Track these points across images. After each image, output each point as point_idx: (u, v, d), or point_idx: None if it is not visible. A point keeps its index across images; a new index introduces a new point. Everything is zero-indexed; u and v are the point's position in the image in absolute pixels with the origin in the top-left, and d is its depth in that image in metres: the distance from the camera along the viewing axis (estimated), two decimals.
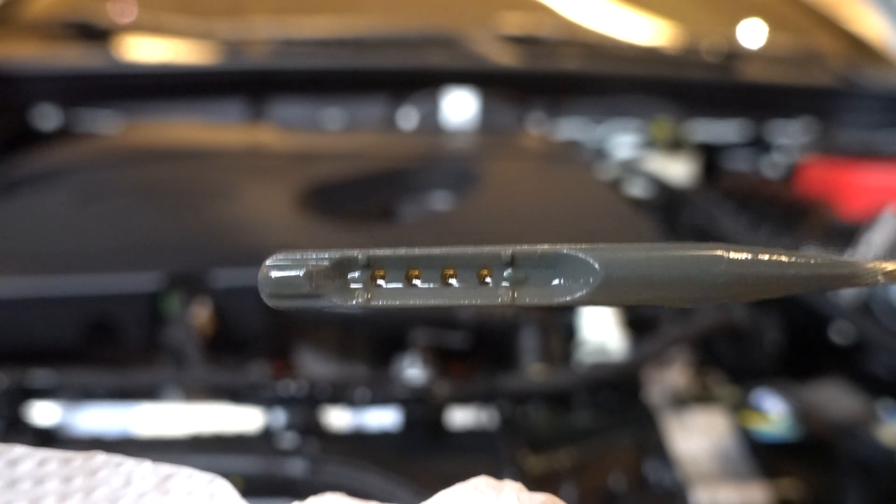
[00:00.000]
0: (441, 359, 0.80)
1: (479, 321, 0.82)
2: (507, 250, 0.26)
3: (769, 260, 0.26)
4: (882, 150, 1.35)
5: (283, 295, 0.27)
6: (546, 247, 0.26)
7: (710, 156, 1.44)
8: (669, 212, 1.20)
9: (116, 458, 0.30)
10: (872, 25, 1.68)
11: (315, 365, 0.83)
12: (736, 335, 0.91)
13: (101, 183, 1.02)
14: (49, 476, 0.29)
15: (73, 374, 0.73)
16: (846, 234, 1.08)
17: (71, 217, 0.93)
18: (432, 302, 0.27)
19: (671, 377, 0.84)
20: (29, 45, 1.40)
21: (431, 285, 0.27)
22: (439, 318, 0.81)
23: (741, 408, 0.84)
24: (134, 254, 0.86)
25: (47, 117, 1.33)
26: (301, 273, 0.27)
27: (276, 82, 1.39)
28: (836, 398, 0.87)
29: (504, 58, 1.44)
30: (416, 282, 0.27)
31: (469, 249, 0.27)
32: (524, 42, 1.48)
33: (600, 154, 1.39)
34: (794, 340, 0.95)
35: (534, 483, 0.48)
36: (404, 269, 0.27)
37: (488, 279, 0.27)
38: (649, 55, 1.55)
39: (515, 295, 0.27)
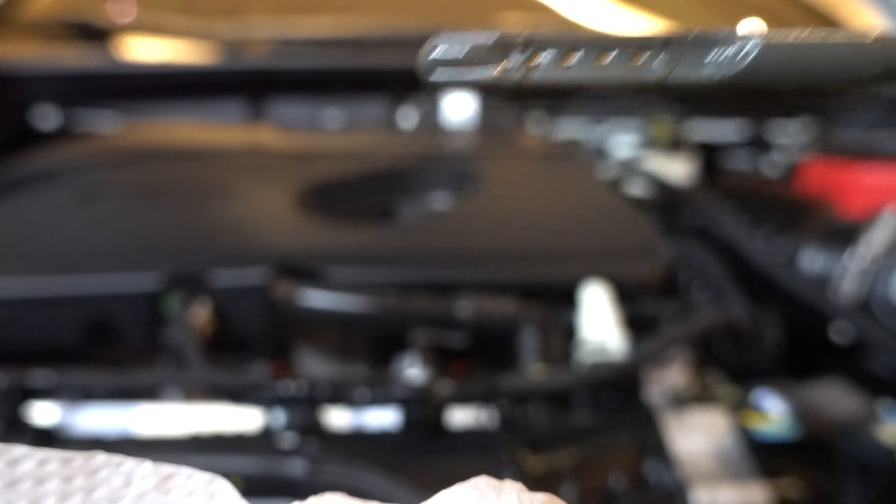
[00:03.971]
0: (441, 359, 0.80)
1: (478, 321, 0.82)
2: (660, 34, 0.27)
3: None
4: (882, 150, 1.35)
5: (445, 64, 0.28)
6: (700, 29, 0.28)
7: (709, 155, 1.44)
8: (669, 211, 1.20)
9: (116, 458, 0.30)
10: (872, 25, 1.68)
11: (315, 365, 0.83)
12: (736, 335, 0.91)
13: (101, 183, 1.02)
14: (49, 476, 0.29)
15: (73, 374, 0.73)
16: (846, 233, 1.08)
17: (71, 217, 0.93)
18: (585, 78, 0.28)
19: (671, 377, 0.84)
20: (29, 45, 1.40)
21: (585, 67, 0.28)
22: (439, 318, 0.81)
23: (741, 408, 0.84)
24: (134, 254, 0.86)
25: (47, 117, 1.33)
26: (466, 48, 0.28)
27: (275, 82, 1.39)
28: (836, 398, 0.87)
29: None
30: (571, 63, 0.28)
31: (623, 33, 0.28)
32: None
33: (600, 154, 1.38)
34: (794, 340, 0.95)
35: (534, 483, 0.48)
36: (562, 53, 0.28)
37: (640, 62, 0.28)
38: None
39: (669, 72, 0.28)
